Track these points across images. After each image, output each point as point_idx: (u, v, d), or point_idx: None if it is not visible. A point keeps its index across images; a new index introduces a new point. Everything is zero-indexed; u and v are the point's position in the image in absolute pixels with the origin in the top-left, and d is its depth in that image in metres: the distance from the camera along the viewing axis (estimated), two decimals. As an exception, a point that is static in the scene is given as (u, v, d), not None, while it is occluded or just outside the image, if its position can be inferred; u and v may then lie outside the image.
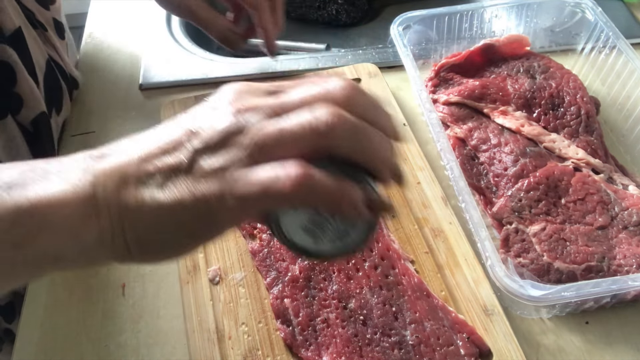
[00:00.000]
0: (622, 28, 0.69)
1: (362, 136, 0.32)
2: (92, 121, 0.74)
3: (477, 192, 0.62)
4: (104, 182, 0.31)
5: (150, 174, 0.31)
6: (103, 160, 0.32)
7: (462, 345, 0.50)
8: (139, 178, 0.31)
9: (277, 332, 0.52)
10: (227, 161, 0.31)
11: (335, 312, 0.52)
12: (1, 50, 0.58)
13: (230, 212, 0.31)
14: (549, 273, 0.54)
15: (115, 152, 0.33)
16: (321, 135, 0.31)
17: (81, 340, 0.54)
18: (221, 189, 0.30)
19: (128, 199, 0.31)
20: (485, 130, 0.66)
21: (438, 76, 0.72)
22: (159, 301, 0.56)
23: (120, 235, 0.31)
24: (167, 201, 0.31)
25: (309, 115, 0.31)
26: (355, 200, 0.32)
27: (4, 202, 0.30)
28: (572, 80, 0.69)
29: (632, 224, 0.57)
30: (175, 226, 0.31)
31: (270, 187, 0.30)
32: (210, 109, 0.33)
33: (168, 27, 0.87)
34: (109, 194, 0.31)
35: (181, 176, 0.31)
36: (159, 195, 0.31)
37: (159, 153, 0.32)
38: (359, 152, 0.32)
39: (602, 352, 0.52)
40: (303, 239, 0.34)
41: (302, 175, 0.30)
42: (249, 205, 0.31)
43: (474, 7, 0.74)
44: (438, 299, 0.53)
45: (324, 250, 0.35)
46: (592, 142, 0.64)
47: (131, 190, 0.31)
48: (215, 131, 0.32)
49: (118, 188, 0.31)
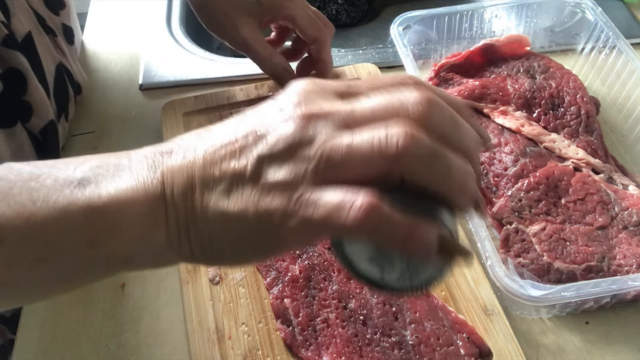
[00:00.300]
0: (622, 28, 0.69)
1: (439, 163, 0.29)
2: (92, 121, 0.74)
3: (477, 192, 0.62)
4: (172, 182, 0.31)
5: (216, 178, 0.30)
6: (172, 156, 0.32)
7: (462, 345, 0.50)
8: (204, 181, 0.31)
9: (277, 332, 0.52)
10: (293, 175, 0.29)
11: (335, 312, 0.52)
12: (13, 57, 0.57)
13: (292, 233, 0.29)
14: (549, 273, 0.54)
15: (183, 149, 0.32)
16: (392, 159, 0.28)
17: (81, 340, 0.54)
18: (284, 208, 0.29)
19: (194, 203, 0.31)
20: (485, 130, 0.66)
21: (438, 76, 0.72)
22: (159, 301, 0.56)
23: (186, 238, 0.31)
24: (231, 211, 0.30)
25: (381, 133, 0.29)
26: (427, 243, 0.29)
27: (76, 200, 0.30)
28: (572, 80, 0.69)
29: (632, 224, 0.57)
30: (238, 237, 0.31)
31: (335, 215, 0.28)
32: (278, 110, 0.31)
33: (168, 27, 0.87)
34: (176, 196, 0.31)
35: (247, 185, 0.30)
36: (224, 203, 0.30)
37: (225, 155, 0.31)
38: (434, 181, 0.29)
39: (602, 352, 0.52)
40: (368, 270, 0.32)
41: (370, 208, 0.27)
42: (313, 230, 0.29)
43: (474, 7, 0.74)
44: (438, 299, 0.53)
45: (390, 285, 0.32)
46: (592, 142, 0.64)
47: (197, 193, 0.31)
48: (281, 138, 0.30)
49: (185, 190, 0.31)
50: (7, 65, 0.57)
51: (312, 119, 0.30)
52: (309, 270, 0.55)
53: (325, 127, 0.30)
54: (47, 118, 0.62)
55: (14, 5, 0.59)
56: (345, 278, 0.54)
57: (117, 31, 0.88)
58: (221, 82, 0.77)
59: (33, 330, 0.54)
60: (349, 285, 0.53)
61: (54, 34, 0.67)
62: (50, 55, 0.65)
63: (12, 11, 0.59)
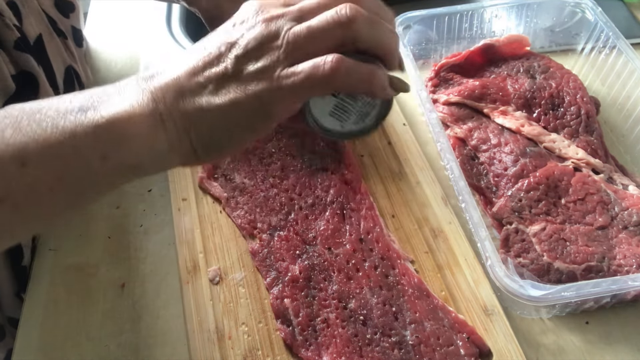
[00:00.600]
0: (622, 28, 0.69)
1: (377, 27, 0.37)
2: (92, 121, 0.74)
3: (477, 192, 0.62)
4: (163, 96, 0.36)
5: (202, 84, 0.36)
6: (155, 79, 0.36)
7: (462, 345, 0.50)
8: (192, 89, 0.36)
9: (277, 332, 0.52)
10: (269, 61, 0.35)
11: (335, 312, 0.52)
12: (25, 60, 0.57)
13: (281, 103, 0.36)
14: (549, 273, 0.54)
15: (164, 71, 0.37)
16: (344, 27, 0.35)
17: (81, 340, 0.54)
18: (269, 85, 0.35)
19: (187, 107, 0.36)
20: (485, 130, 0.66)
21: (438, 76, 0.72)
22: (159, 301, 0.56)
23: (187, 139, 0.36)
24: (224, 103, 0.35)
25: (331, 12, 0.36)
26: (382, 80, 0.37)
27: (82, 123, 0.34)
28: (572, 80, 0.69)
29: (632, 224, 0.57)
30: (235, 123, 0.36)
31: (314, 74, 0.35)
32: (240, 22, 0.37)
33: (168, 27, 0.87)
34: (169, 106, 0.35)
35: (231, 81, 0.36)
36: (215, 99, 0.35)
37: (205, 65, 0.36)
38: (375, 42, 0.37)
39: (602, 352, 0.52)
40: (331, 123, 0.40)
41: (338, 61, 0.35)
42: (298, 93, 0.36)
43: (474, 7, 0.74)
44: (438, 299, 0.53)
45: (349, 129, 0.41)
46: (592, 142, 0.64)
47: (188, 99, 0.36)
48: (252, 38, 0.36)
49: (177, 99, 0.36)
50: (20, 68, 0.57)
51: (272, 19, 0.36)
52: (309, 270, 0.55)
53: (284, 22, 0.36)
54: None
55: (25, 7, 0.59)
56: (346, 278, 0.54)
57: (117, 31, 0.88)
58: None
59: (33, 330, 0.54)
60: (349, 285, 0.54)
61: (64, 36, 0.67)
62: (61, 58, 0.65)
63: (23, 13, 0.59)
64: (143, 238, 0.61)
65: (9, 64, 0.56)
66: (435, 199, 0.61)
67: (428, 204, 0.61)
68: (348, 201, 0.60)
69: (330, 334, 0.51)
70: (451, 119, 0.68)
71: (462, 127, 0.67)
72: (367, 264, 0.55)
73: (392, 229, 0.59)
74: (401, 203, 0.61)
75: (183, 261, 0.57)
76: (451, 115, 0.68)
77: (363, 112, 0.41)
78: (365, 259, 0.55)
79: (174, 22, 0.88)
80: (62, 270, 0.59)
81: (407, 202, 0.61)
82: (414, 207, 0.61)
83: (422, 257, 0.57)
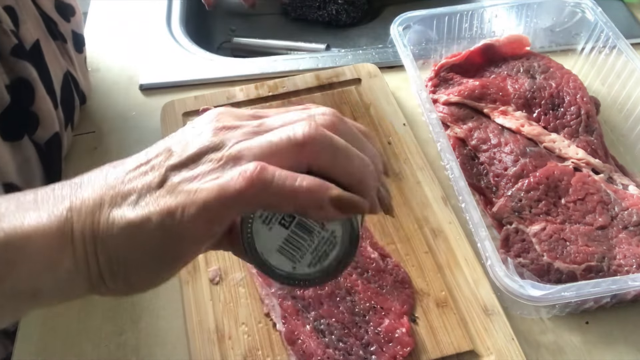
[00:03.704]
0: (622, 28, 0.69)
1: (341, 153, 0.31)
2: (93, 121, 0.74)
3: (477, 192, 0.62)
4: (80, 208, 0.30)
5: (124, 195, 0.31)
6: (81, 187, 0.32)
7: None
8: (113, 200, 0.31)
9: (277, 332, 0.52)
10: (196, 173, 0.30)
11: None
12: (22, 67, 0.56)
13: (195, 224, 0.30)
14: (549, 273, 0.54)
15: (95, 178, 0.32)
16: (298, 146, 0.30)
17: (81, 340, 0.54)
18: (185, 199, 0.29)
19: (100, 221, 0.30)
20: (485, 130, 0.66)
21: (438, 76, 0.72)
22: (159, 301, 0.56)
23: (94, 261, 0.30)
24: (135, 218, 0.30)
25: (288, 128, 0.31)
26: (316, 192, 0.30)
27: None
28: (572, 80, 0.69)
29: (632, 224, 0.57)
30: (143, 245, 0.30)
31: (226, 187, 0.29)
32: (191, 128, 0.33)
33: (168, 27, 0.87)
34: (83, 219, 0.30)
35: (153, 193, 0.30)
36: (129, 213, 0.30)
37: (136, 174, 0.31)
38: (338, 169, 0.31)
39: (602, 352, 0.52)
40: (280, 262, 0.33)
41: (258, 170, 0.29)
42: (211, 212, 0.29)
43: (474, 7, 0.74)
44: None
45: (302, 272, 0.33)
46: (592, 142, 0.64)
47: (105, 212, 0.30)
48: (191, 147, 0.31)
49: (93, 212, 0.30)
50: (16, 76, 0.56)
51: (224, 129, 0.32)
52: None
53: (236, 134, 0.32)
54: (53, 130, 0.61)
55: (22, 12, 0.58)
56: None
57: (117, 31, 0.88)
58: (221, 82, 0.77)
59: (33, 330, 0.54)
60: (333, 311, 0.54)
61: (63, 39, 0.66)
62: (58, 63, 0.64)
63: (21, 19, 0.57)
64: (143, 238, 0.61)
65: (3, 73, 0.55)
66: (435, 199, 0.61)
67: (428, 204, 0.61)
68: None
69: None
70: (451, 119, 0.68)
71: (462, 127, 0.67)
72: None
73: (392, 229, 0.59)
74: (401, 203, 0.61)
75: (183, 261, 0.57)
76: (451, 115, 0.68)
77: (320, 252, 0.33)
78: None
79: (174, 22, 0.88)
80: (62, 270, 0.59)
81: (407, 202, 0.61)
82: (414, 207, 0.61)
83: (422, 257, 0.57)
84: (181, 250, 0.31)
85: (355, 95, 0.73)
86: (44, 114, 0.59)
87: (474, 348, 0.50)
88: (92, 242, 0.30)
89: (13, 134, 0.57)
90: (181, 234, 0.30)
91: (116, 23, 0.89)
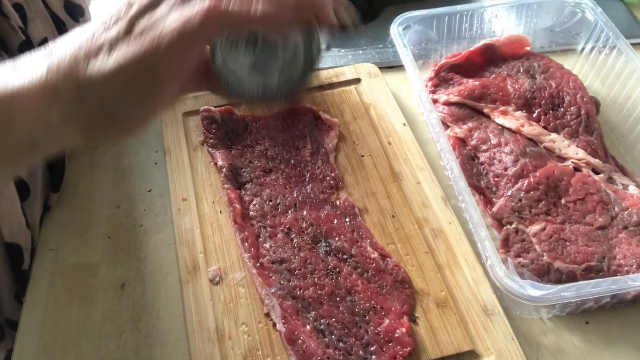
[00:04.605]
0: (622, 28, 0.69)
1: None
2: (92, 121, 0.74)
3: (477, 192, 0.62)
4: (58, 66, 0.33)
5: (96, 48, 0.33)
6: (55, 51, 0.34)
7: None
8: (88, 54, 0.33)
9: (277, 332, 0.52)
10: (157, 17, 0.33)
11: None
12: None
13: (167, 60, 0.32)
14: (549, 273, 0.54)
15: (67, 40, 0.34)
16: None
17: (81, 340, 0.54)
18: (153, 39, 0.32)
19: (79, 73, 0.33)
20: (485, 130, 0.66)
21: (438, 76, 0.72)
22: (159, 301, 0.56)
23: (82, 109, 0.33)
24: (110, 66, 0.32)
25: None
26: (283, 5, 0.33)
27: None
28: (572, 80, 0.69)
29: (632, 224, 0.57)
30: (124, 88, 0.33)
31: (187, 23, 0.32)
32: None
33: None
34: (64, 76, 0.33)
35: (123, 41, 0.33)
36: (105, 65, 0.32)
37: (104, 30, 0.34)
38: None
39: (602, 352, 0.52)
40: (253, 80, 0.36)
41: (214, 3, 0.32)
42: (180, 46, 0.32)
43: (474, 7, 0.74)
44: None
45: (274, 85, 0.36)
46: (592, 142, 0.64)
47: (82, 65, 0.33)
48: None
49: (71, 68, 0.33)
50: None
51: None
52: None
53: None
54: None
55: (31, 11, 0.59)
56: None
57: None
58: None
59: (33, 330, 0.54)
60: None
61: None
62: None
63: (29, 17, 0.58)
64: (143, 238, 0.61)
65: None
66: (435, 199, 0.61)
67: (428, 204, 0.61)
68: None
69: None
70: (451, 119, 0.68)
71: (462, 127, 0.67)
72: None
73: (392, 229, 0.59)
74: (401, 203, 0.61)
75: (183, 261, 0.57)
76: (451, 115, 0.68)
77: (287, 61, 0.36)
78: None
79: (174, 22, 0.88)
80: (62, 270, 0.59)
81: (407, 202, 0.61)
82: (414, 207, 0.61)
83: (422, 257, 0.57)
84: (160, 85, 0.34)
85: (355, 95, 0.73)
86: None
87: (474, 348, 0.50)
88: (76, 94, 0.33)
89: None
90: (157, 70, 0.33)
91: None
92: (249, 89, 0.36)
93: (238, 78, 0.36)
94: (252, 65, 0.35)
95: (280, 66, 0.36)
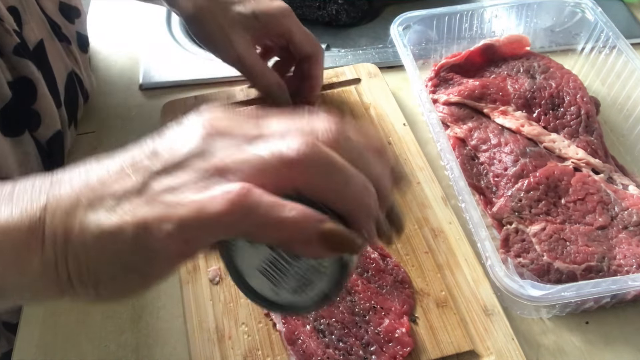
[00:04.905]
0: (622, 28, 0.69)
1: (337, 175, 0.28)
2: (93, 121, 0.74)
3: (477, 192, 0.62)
4: (55, 208, 0.28)
5: (102, 197, 0.28)
6: (61, 185, 0.30)
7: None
8: (90, 202, 0.28)
9: (277, 332, 0.52)
10: (178, 183, 0.28)
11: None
12: (24, 66, 0.56)
13: (170, 242, 0.27)
14: (549, 273, 0.54)
15: (76, 175, 0.30)
16: (287, 164, 0.27)
17: (81, 340, 0.54)
18: (161, 212, 0.27)
19: (74, 225, 0.28)
20: (485, 130, 0.66)
21: (438, 76, 0.72)
22: (159, 301, 0.56)
23: (64, 265, 0.28)
24: (109, 226, 0.27)
25: (280, 142, 0.28)
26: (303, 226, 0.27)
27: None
28: (572, 80, 0.69)
29: (632, 224, 0.57)
30: (115, 256, 0.28)
31: (205, 207, 0.26)
32: (181, 129, 0.30)
33: (168, 27, 0.87)
34: (56, 220, 0.28)
35: (132, 199, 0.28)
36: (104, 220, 0.28)
37: (118, 176, 0.29)
38: (331, 194, 0.28)
39: (602, 352, 0.52)
40: (260, 284, 0.30)
41: (241, 192, 0.26)
42: (188, 232, 0.27)
43: (474, 7, 0.74)
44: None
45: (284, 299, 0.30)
46: (592, 142, 0.64)
47: (79, 215, 0.28)
48: (177, 151, 0.29)
49: (67, 213, 0.28)
50: (18, 74, 0.56)
51: (215, 135, 0.29)
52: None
53: (226, 142, 0.28)
54: (55, 128, 0.61)
55: (26, 13, 0.58)
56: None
57: (117, 31, 0.88)
58: (221, 82, 0.77)
59: (33, 330, 0.54)
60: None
61: (67, 41, 0.66)
62: (63, 63, 0.64)
63: (24, 19, 0.58)
64: (143, 238, 0.61)
65: (5, 70, 0.55)
66: (435, 199, 0.61)
67: (428, 204, 0.61)
68: None
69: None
70: (451, 119, 0.68)
71: (462, 127, 0.67)
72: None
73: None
74: (401, 203, 0.61)
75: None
76: (451, 115, 0.68)
77: (305, 279, 0.29)
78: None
79: (174, 22, 0.88)
80: (62, 270, 0.59)
81: (407, 202, 0.61)
82: (414, 207, 0.61)
83: (422, 257, 0.57)
84: (153, 267, 0.29)
85: (355, 95, 0.73)
86: (45, 112, 0.60)
87: (474, 348, 0.50)
88: (63, 247, 0.28)
89: (14, 129, 0.57)
90: (154, 250, 0.28)
91: (116, 23, 0.89)
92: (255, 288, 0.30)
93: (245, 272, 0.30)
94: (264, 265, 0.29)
95: (297, 280, 0.29)
